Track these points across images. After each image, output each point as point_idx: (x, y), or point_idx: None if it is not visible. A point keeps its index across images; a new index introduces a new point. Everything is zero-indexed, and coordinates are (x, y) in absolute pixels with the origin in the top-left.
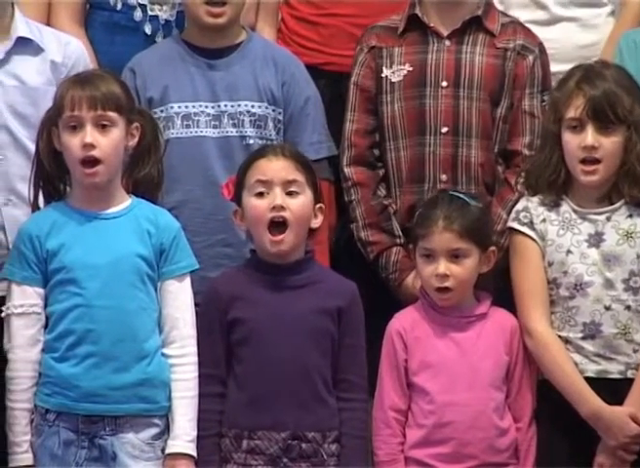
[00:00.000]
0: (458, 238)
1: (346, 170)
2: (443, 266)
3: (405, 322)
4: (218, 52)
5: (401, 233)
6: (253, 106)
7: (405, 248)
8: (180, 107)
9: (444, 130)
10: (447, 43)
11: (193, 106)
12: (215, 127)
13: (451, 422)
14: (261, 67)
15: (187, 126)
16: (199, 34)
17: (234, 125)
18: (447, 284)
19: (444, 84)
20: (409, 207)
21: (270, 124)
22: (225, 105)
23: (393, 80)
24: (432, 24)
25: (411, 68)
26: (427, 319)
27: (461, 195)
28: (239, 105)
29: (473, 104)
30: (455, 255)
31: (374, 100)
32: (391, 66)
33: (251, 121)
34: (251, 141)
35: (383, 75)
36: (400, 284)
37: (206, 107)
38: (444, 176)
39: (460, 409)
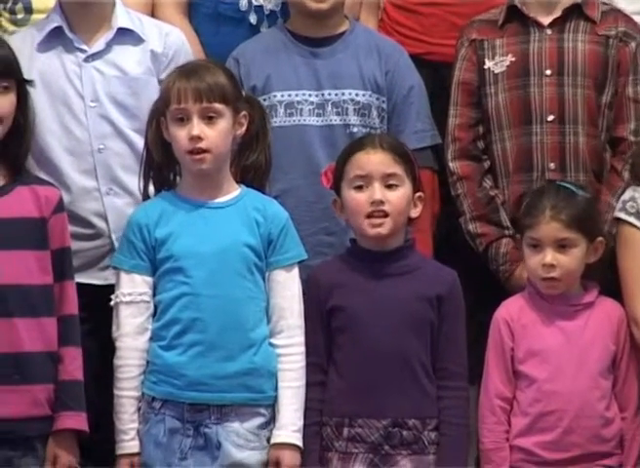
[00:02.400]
0: (565, 228)
1: (451, 164)
2: (550, 256)
3: (512, 310)
4: (321, 41)
5: (509, 224)
6: (357, 94)
7: (514, 239)
8: (282, 96)
9: (550, 118)
10: (548, 32)
11: (296, 95)
12: (318, 115)
13: (556, 410)
14: (365, 56)
15: (290, 114)
16: (303, 23)
17: (338, 113)
18: (553, 274)
19: (548, 72)
20: (518, 197)
21: (374, 112)
22: (329, 94)
23: (496, 71)
24: (532, 15)
25: (513, 59)
26: (534, 307)
27: (569, 185)
28: (343, 94)
29: (578, 91)
30: (562, 245)
31: (476, 93)
32: (494, 58)
33: (355, 109)
34: (355, 130)
35: (486, 67)
36: (510, 275)
37: (309, 96)
38: (552, 165)
39: (566, 397)
